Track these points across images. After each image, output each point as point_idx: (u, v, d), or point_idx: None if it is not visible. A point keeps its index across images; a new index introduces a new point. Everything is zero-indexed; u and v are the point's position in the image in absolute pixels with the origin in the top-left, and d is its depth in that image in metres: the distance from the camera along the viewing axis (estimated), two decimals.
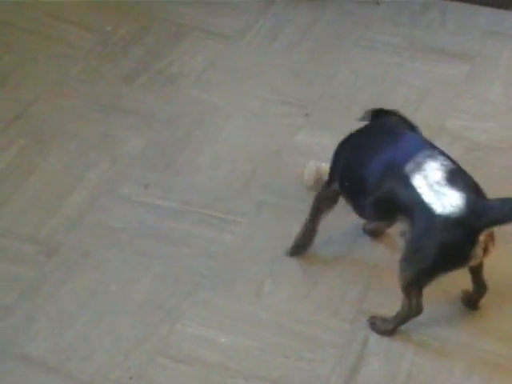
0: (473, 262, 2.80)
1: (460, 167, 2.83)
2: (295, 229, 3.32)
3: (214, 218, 3.49)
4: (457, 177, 2.76)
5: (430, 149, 2.89)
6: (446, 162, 2.78)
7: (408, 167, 2.79)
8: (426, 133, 3.85)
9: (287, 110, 4.17)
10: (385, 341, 3.06)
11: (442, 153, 2.86)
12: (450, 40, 4.64)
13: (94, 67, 4.50)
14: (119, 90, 4.36)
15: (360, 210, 3.07)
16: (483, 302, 3.17)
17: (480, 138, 3.96)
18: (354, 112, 4.08)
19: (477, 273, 3.01)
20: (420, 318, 3.06)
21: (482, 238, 2.68)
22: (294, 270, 3.33)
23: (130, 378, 2.97)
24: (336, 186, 3.13)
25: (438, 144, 3.75)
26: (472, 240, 2.70)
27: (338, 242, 3.42)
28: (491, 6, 4.85)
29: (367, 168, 2.96)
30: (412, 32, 4.72)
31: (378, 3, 4.92)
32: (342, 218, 3.30)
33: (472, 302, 3.15)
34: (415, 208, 2.76)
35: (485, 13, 4.84)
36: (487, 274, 3.07)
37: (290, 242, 3.34)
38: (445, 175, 2.73)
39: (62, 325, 3.18)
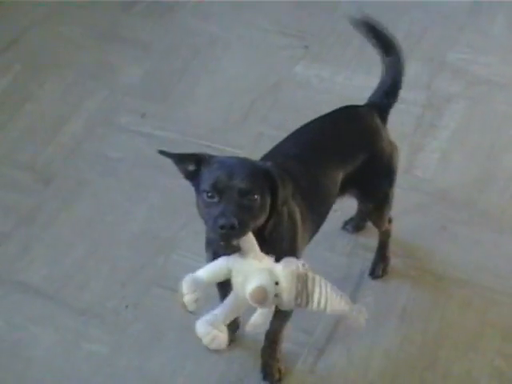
0: None
1: None
2: None
3: (213, 149, 3.46)
4: None
5: None
6: None
7: None
8: (427, 67, 3.85)
9: (287, 42, 4.12)
10: None
11: None
12: None
13: None
14: (117, 17, 4.30)
15: None
16: (480, 237, 3.17)
17: (482, 73, 3.91)
18: (354, 45, 4.04)
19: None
20: (417, 253, 3.07)
21: None
22: None
23: (126, 307, 2.98)
24: None
25: (439, 78, 3.73)
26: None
27: None
28: None
29: None
30: None
31: None
32: None
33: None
34: None
35: None
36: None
37: None
38: None
39: (58, 253, 3.18)
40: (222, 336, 2.21)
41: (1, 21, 4.22)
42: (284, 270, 2.17)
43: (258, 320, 2.20)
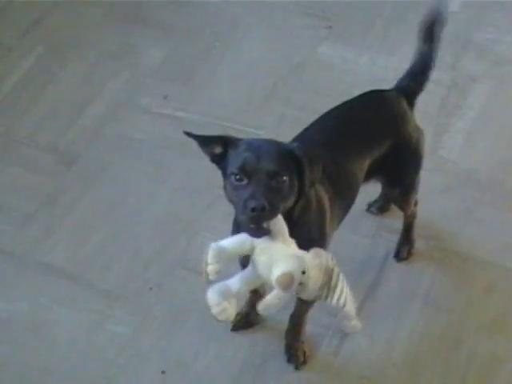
0: None
1: None
2: None
3: (235, 130, 3.44)
4: None
5: None
6: None
7: None
8: (451, 47, 3.80)
9: (310, 22, 4.07)
10: None
11: None
12: None
13: None
14: None
15: None
16: (505, 218, 3.14)
17: (507, 53, 3.86)
18: (378, 25, 4.01)
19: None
20: (442, 235, 3.05)
21: None
22: None
23: (150, 289, 2.98)
24: None
25: (464, 58, 3.68)
26: None
27: None
28: None
29: None
30: None
31: None
32: None
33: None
34: None
35: None
36: None
37: None
38: None
39: (82, 235, 3.19)
40: (231, 309, 2.21)
41: (22, 3, 4.21)
42: (313, 261, 2.16)
43: (273, 301, 2.18)
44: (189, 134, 2.23)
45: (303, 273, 2.14)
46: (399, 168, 2.72)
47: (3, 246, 3.16)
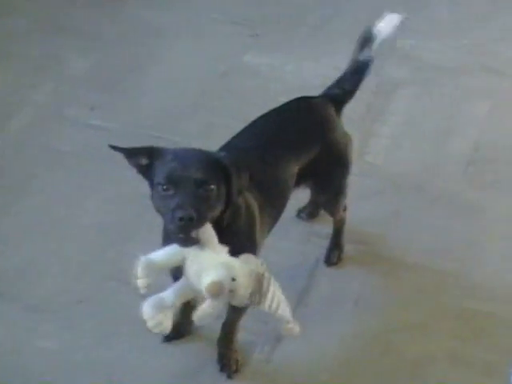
0: None
1: None
2: None
3: (164, 140, 3.41)
4: None
5: None
6: None
7: None
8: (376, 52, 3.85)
9: (236, 30, 4.11)
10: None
11: None
12: None
13: None
14: (63, 8, 4.24)
15: None
16: (432, 221, 3.20)
17: (429, 58, 3.94)
18: (303, 32, 4.05)
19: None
20: (371, 239, 3.10)
21: None
22: None
23: (80, 302, 2.94)
24: None
25: (387, 64, 3.74)
26: None
27: None
28: None
29: None
30: None
31: None
32: None
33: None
34: None
35: None
36: None
37: None
38: None
39: (8, 248, 3.13)
40: (167, 322, 2.21)
41: None
42: (243, 267, 2.16)
43: (206, 310, 2.19)
44: (114, 148, 2.22)
45: (233, 280, 2.14)
46: (327, 174, 2.75)
47: None
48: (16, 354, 2.80)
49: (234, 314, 2.60)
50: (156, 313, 2.18)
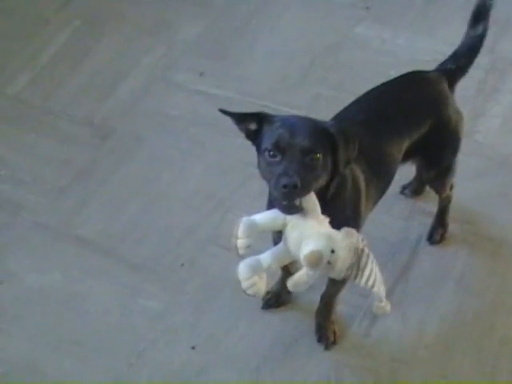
0: None
1: None
2: None
3: (270, 109, 3.35)
4: None
5: None
6: None
7: None
8: (490, 29, 3.74)
9: (348, 2, 4.04)
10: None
11: None
12: None
13: None
14: None
15: None
16: None
17: None
18: (417, 6, 3.96)
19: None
20: (476, 219, 3.02)
21: None
22: None
23: (182, 265, 2.99)
24: None
25: (502, 41, 3.62)
26: None
27: None
28: None
29: None
30: None
31: None
32: None
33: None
34: None
35: None
36: None
37: None
38: None
39: (115, 209, 3.20)
40: (261, 284, 2.21)
41: None
42: (343, 241, 2.15)
43: (301, 278, 2.18)
44: (224, 112, 2.22)
45: (332, 252, 2.13)
46: (438, 150, 2.70)
47: (37, 218, 3.18)
48: (120, 311, 2.89)
49: (334, 286, 2.59)
50: (251, 274, 2.18)
